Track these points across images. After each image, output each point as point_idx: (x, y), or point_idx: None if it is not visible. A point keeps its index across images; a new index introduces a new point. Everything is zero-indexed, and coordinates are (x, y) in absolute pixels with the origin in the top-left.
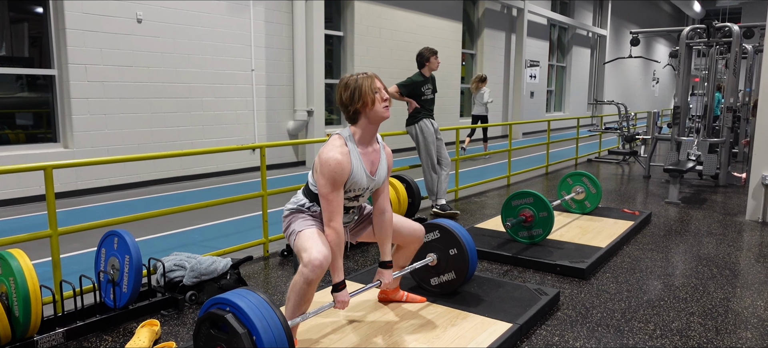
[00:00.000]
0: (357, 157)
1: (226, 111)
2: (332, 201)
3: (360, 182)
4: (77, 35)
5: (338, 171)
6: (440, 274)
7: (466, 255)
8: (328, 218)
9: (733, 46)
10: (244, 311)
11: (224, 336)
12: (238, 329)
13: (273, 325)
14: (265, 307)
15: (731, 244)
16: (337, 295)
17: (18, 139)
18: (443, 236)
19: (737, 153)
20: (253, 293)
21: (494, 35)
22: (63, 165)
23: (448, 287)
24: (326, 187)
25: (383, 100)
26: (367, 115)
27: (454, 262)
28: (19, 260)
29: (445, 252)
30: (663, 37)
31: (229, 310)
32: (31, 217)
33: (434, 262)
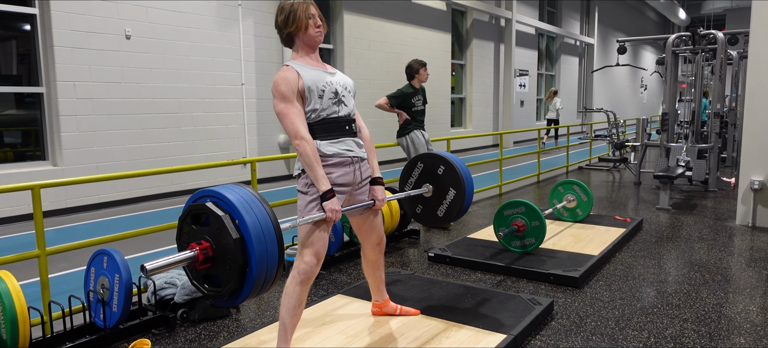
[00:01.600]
0: (305, 65)
1: (216, 126)
2: (289, 113)
3: (321, 79)
4: (65, 52)
5: (282, 81)
6: (442, 200)
7: (454, 165)
8: (294, 133)
9: (718, 52)
10: (223, 195)
11: (207, 228)
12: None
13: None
14: (244, 191)
15: (722, 249)
16: (327, 204)
17: (6, 157)
18: (427, 163)
19: (726, 158)
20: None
21: (483, 45)
22: (51, 184)
23: (456, 206)
24: (279, 104)
25: (316, 26)
26: (301, 39)
27: (447, 179)
28: (7, 282)
29: (435, 175)
30: (650, 45)
31: (209, 200)
32: (19, 236)
33: (430, 191)
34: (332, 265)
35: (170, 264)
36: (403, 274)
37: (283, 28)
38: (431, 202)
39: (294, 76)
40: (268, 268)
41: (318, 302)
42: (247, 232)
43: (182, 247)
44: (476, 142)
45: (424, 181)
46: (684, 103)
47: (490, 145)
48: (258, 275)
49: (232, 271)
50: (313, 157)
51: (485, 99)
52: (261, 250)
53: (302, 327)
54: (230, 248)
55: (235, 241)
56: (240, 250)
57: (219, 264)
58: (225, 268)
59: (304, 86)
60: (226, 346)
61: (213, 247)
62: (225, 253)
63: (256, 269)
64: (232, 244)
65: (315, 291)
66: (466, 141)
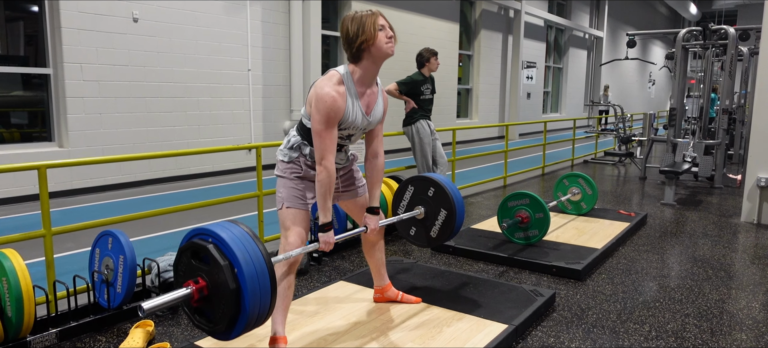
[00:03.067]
0: (354, 96)
1: (222, 111)
2: (325, 138)
3: (355, 121)
4: (73, 34)
5: (334, 108)
6: (434, 222)
7: (443, 187)
8: (321, 156)
9: (728, 48)
10: (227, 243)
11: (205, 267)
12: (220, 261)
13: (255, 258)
14: (247, 239)
15: (726, 245)
16: (322, 236)
17: (13, 138)
18: (417, 186)
19: (733, 155)
20: (236, 225)
21: (491, 36)
22: (57, 164)
23: (447, 228)
24: (320, 124)
25: (388, 37)
26: (371, 53)
27: (437, 201)
28: (12, 260)
29: (426, 197)
30: (659, 39)
31: (212, 241)
32: (25, 216)
33: (422, 213)
34: (335, 252)
35: (166, 302)
36: (405, 262)
37: (352, 41)
38: (424, 224)
39: (342, 107)
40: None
41: (321, 288)
42: (244, 283)
43: (179, 279)
44: (482, 133)
45: (415, 204)
46: (692, 98)
47: (495, 136)
48: (250, 318)
49: (225, 315)
50: (328, 189)
51: (492, 90)
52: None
53: (304, 312)
54: (226, 294)
55: (232, 291)
56: (235, 300)
57: (213, 303)
58: (219, 309)
59: (342, 119)
60: None
61: (209, 286)
62: (220, 296)
63: (249, 314)
64: (228, 293)
65: (318, 277)
66: (471, 132)
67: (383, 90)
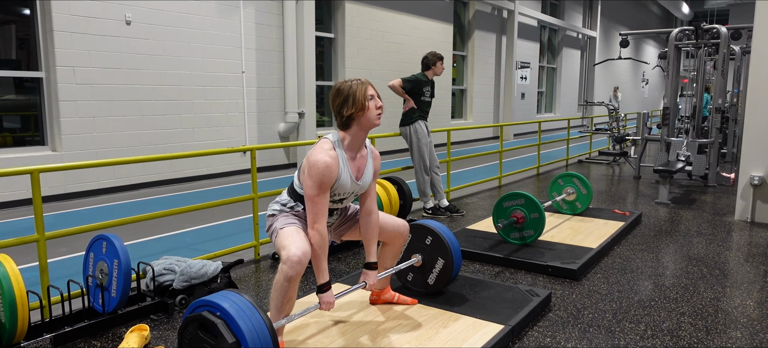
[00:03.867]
0: (344, 162)
1: (216, 113)
2: (318, 203)
3: (345, 186)
4: (65, 37)
5: (326, 174)
6: (431, 270)
7: (442, 237)
8: (313, 220)
9: (721, 47)
10: (234, 318)
11: (212, 340)
12: (228, 338)
13: (260, 332)
14: (253, 313)
15: (721, 244)
16: (322, 296)
17: (5, 142)
18: (415, 234)
19: (726, 153)
20: (243, 298)
21: (485, 37)
22: (50, 169)
23: (444, 277)
24: (313, 190)
25: (377, 108)
26: (360, 122)
27: (435, 250)
28: (5, 265)
29: (424, 246)
30: (652, 39)
31: (220, 316)
32: (18, 221)
33: (419, 262)
34: (331, 254)
35: None
36: None
37: (341, 110)
38: (421, 271)
39: (336, 174)
40: None
41: (314, 291)
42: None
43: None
44: (476, 134)
45: (413, 251)
46: (685, 97)
47: (490, 137)
48: None
49: None
50: (322, 251)
51: (486, 91)
52: None
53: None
54: None
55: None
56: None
57: None
58: None
59: (334, 185)
60: None
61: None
62: None
63: None
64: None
65: (313, 279)
66: (466, 132)
67: (374, 151)
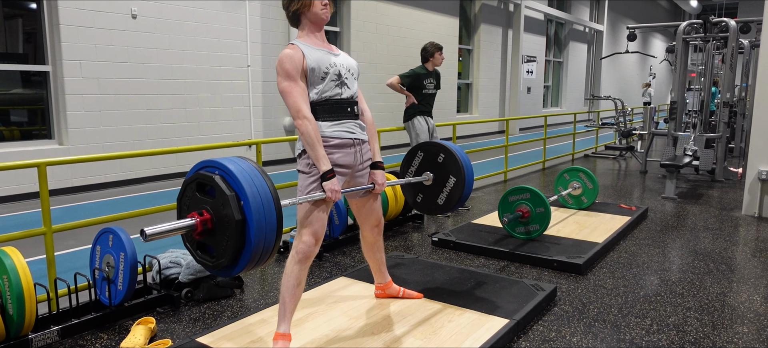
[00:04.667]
0: (310, 45)
1: (221, 107)
2: (292, 92)
3: (325, 59)
4: (71, 31)
5: (288, 59)
6: (442, 188)
7: (454, 153)
8: (296, 111)
9: (729, 41)
10: (234, 174)
11: (210, 200)
12: (226, 191)
13: (262, 190)
14: (254, 172)
15: (727, 239)
16: (327, 184)
17: (12, 135)
18: (427, 152)
19: (734, 148)
20: (244, 159)
21: (491, 30)
22: (57, 162)
23: (456, 195)
24: (284, 80)
25: (323, 4)
26: (308, 17)
27: (447, 167)
28: (13, 258)
29: (435, 163)
30: (660, 33)
31: (218, 173)
32: (25, 214)
33: (430, 180)
34: (336, 247)
35: (169, 230)
36: (406, 257)
37: (288, 5)
38: (431, 191)
39: (299, 55)
40: (265, 244)
41: (321, 284)
42: (249, 215)
43: (182, 212)
44: (482, 128)
45: (424, 170)
46: (693, 91)
47: (496, 131)
48: (254, 252)
49: (229, 248)
50: (314, 137)
51: (492, 85)
52: (260, 230)
53: (305, 308)
54: (231, 226)
55: (238, 222)
56: (240, 232)
57: (217, 237)
58: (222, 241)
59: (308, 66)
60: (230, 324)
61: (213, 219)
62: (224, 228)
63: (254, 247)
64: (233, 225)
65: (318, 273)
66: (472, 127)
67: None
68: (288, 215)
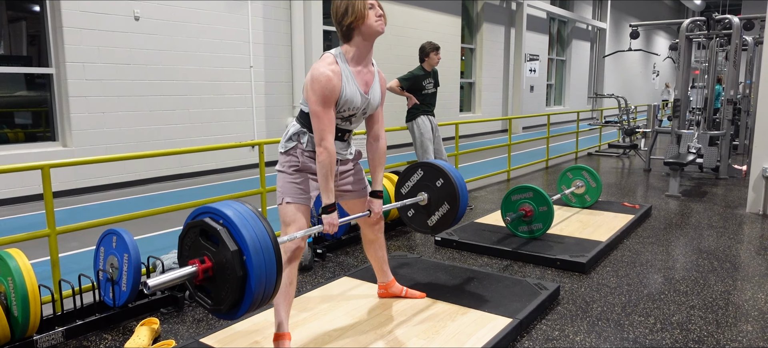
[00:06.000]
0: (349, 75)
1: (224, 108)
2: (323, 118)
3: (353, 100)
4: (74, 33)
5: (328, 87)
6: (434, 211)
7: (453, 182)
8: (320, 137)
9: (733, 38)
10: (237, 226)
11: (213, 248)
12: (230, 246)
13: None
14: (257, 223)
15: (732, 236)
16: (325, 217)
17: (17, 138)
18: (427, 172)
19: (738, 145)
20: (246, 207)
21: (493, 29)
22: (60, 164)
23: (446, 222)
24: (317, 105)
25: (377, 16)
26: (361, 31)
27: (443, 193)
28: (18, 260)
29: (433, 186)
30: (663, 30)
31: (223, 224)
32: (29, 216)
33: (425, 200)
34: (339, 248)
35: (170, 280)
36: (409, 257)
37: (341, 19)
38: (424, 210)
39: (338, 87)
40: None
41: (324, 284)
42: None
43: (183, 253)
44: (485, 127)
45: (421, 189)
46: (696, 89)
47: (498, 130)
48: (253, 302)
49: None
50: (330, 170)
51: (495, 84)
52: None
53: (308, 308)
54: (232, 279)
55: (240, 277)
56: (241, 286)
57: (218, 285)
58: (223, 291)
59: (340, 100)
60: (233, 325)
61: (214, 268)
62: (225, 279)
63: (253, 298)
64: (234, 279)
65: (322, 273)
66: (474, 126)
67: (380, 73)
68: None
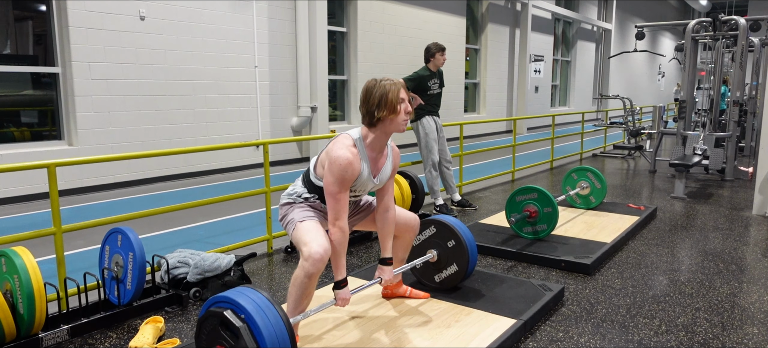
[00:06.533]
0: (365, 159)
1: (229, 108)
2: (340, 200)
3: (365, 185)
4: (80, 33)
5: (349, 171)
6: (442, 270)
7: (464, 245)
8: (335, 217)
9: (739, 39)
10: (257, 324)
11: (232, 341)
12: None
13: (276, 326)
14: (268, 307)
15: (737, 238)
16: (338, 293)
17: (23, 136)
18: (440, 230)
19: (744, 147)
20: (257, 292)
21: (498, 30)
22: (66, 163)
23: (452, 281)
24: (334, 186)
25: (406, 113)
26: (386, 124)
27: (453, 254)
28: (23, 258)
29: (444, 245)
30: (669, 31)
31: (244, 320)
32: (35, 214)
33: (434, 258)
34: None
35: None
36: None
37: (372, 111)
38: (433, 267)
39: (357, 170)
40: None
41: (329, 284)
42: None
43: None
44: (489, 128)
45: (431, 246)
46: (702, 90)
47: (503, 131)
48: None
49: None
50: (342, 248)
51: (499, 84)
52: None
53: (313, 308)
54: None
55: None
56: None
57: None
58: None
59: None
60: None
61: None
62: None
63: None
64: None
65: (325, 272)
66: (479, 126)
67: (394, 148)
68: None
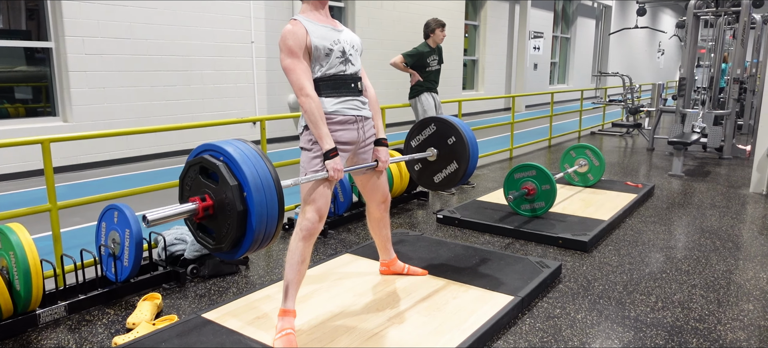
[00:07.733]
0: (312, 21)
1: (225, 84)
2: (296, 69)
3: (328, 36)
4: (73, 7)
5: (291, 36)
6: (442, 169)
7: (465, 141)
8: (299, 88)
9: (741, 15)
10: (237, 162)
11: (213, 185)
12: (229, 180)
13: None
14: (258, 160)
15: (734, 216)
16: (329, 163)
17: (17, 113)
18: (440, 127)
19: (742, 125)
20: (247, 144)
21: (498, 6)
22: (61, 139)
23: (451, 181)
24: (286, 59)
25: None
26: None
27: (453, 151)
28: (19, 234)
29: (444, 142)
30: (670, 8)
31: (223, 160)
32: (31, 191)
33: (434, 156)
34: (341, 224)
35: (171, 215)
36: (411, 234)
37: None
38: (432, 166)
39: (302, 32)
40: (266, 231)
41: (326, 261)
42: (251, 206)
43: (184, 193)
44: (488, 105)
45: (431, 144)
46: (702, 68)
47: (501, 108)
48: (255, 239)
49: (230, 234)
50: (317, 114)
51: (498, 61)
52: (261, 219)
53: (310, 284)
54: (232, 215)
55: (240, 213)
56: (241, 221)
57: (218, 222)
58: (223, 228)
59: (312, 43)
60: (235, 300)
61: (215, 206)
62: (226, 216)
63: (255, 235)
64: (235, 214)
65: (323, 250)
66: (477, 104)
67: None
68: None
